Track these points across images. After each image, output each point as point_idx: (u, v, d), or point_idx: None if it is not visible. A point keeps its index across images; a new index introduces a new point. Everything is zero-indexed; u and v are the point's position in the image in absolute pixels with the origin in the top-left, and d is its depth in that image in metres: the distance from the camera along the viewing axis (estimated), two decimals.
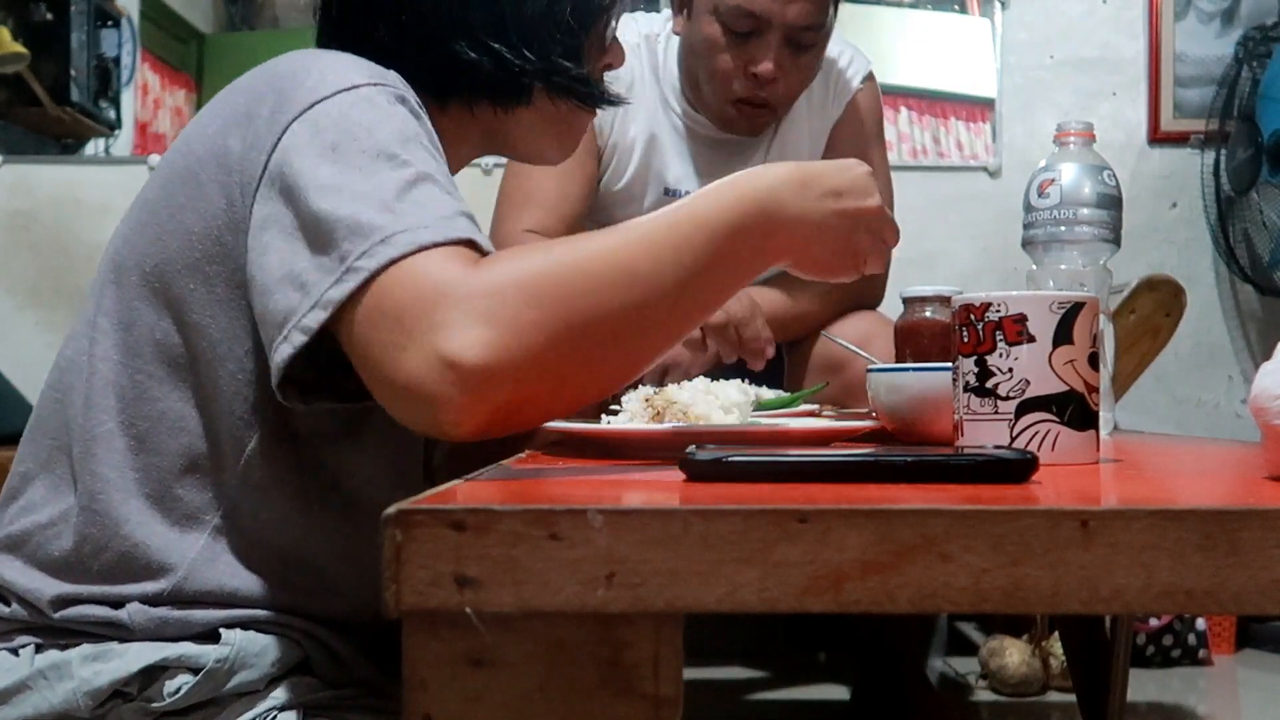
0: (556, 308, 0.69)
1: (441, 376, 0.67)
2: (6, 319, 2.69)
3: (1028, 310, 0.74)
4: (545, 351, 0.69)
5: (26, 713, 0.82)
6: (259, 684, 0.85)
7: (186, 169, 0.85)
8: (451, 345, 0.67)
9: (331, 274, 0.72)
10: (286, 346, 0.73)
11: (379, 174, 0.76)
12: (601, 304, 0.70)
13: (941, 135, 2.77)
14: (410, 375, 0.68)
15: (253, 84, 0.86)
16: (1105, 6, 2.79)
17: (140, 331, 0.85)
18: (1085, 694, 1.69)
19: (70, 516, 0.85)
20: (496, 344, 0.67)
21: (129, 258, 0.87)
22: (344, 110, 0.79)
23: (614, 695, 0.50)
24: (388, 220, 0.72)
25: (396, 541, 0.48)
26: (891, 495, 0.53)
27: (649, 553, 0.48)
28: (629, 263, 0.72)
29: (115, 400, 0.85)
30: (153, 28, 2.75)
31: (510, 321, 0.68)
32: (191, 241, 0.83)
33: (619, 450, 0.90)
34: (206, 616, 0.85)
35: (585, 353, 0.71)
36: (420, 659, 0.49)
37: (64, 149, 2.77)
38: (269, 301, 0.76)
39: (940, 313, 1.30)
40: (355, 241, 0.72)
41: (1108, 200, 1.16)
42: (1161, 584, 0.48)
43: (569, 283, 0.70)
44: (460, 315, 0.68)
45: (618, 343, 0.72)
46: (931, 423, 0.92)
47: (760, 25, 1.59)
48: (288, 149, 0.79)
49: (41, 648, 0.84)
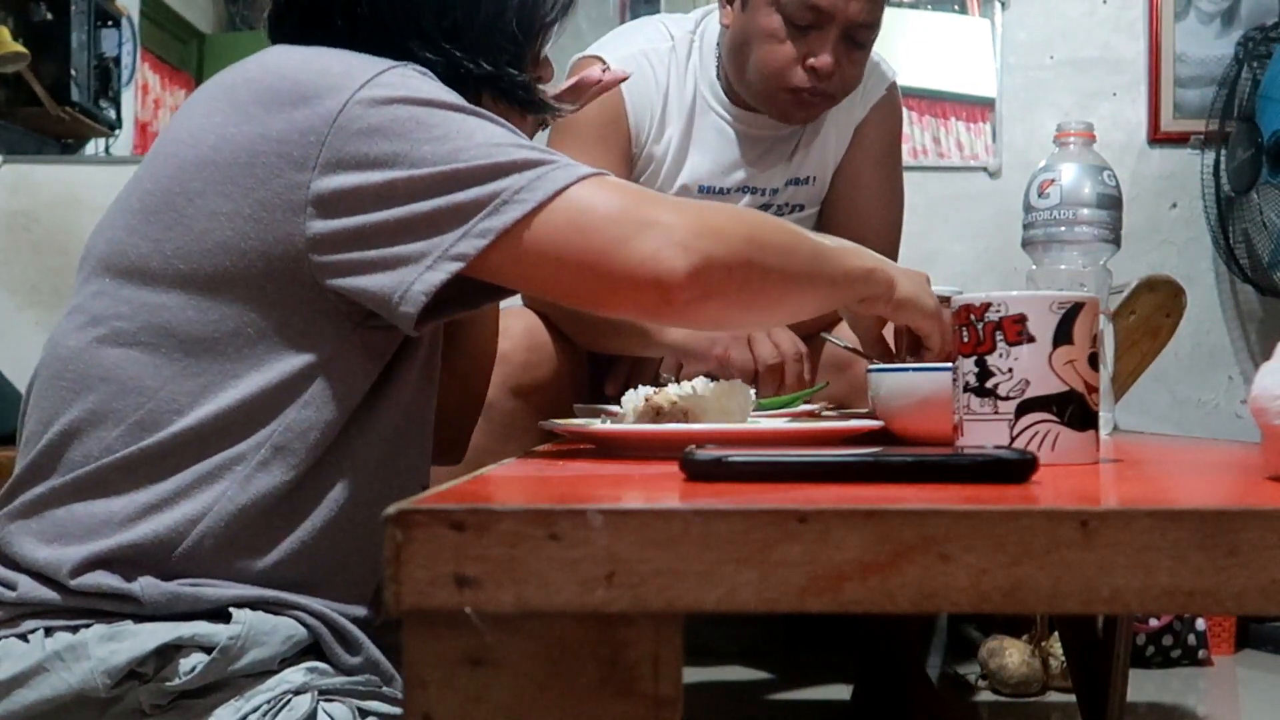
0: (744, 225, 0.87)
1: (674, 252, 0.81)
2: (6, 319, 2.69)
3: (1028, 310, 0.74)
4: (742, 251, 0.85)
5: (45, 694, 0.83)
6: (271, 663, 0.86)
7: (198, 158, 0.86)
8: (676, 232, 0.82)
9: (483, 207, 0.81)
10: (434, 274, 0.81)
11: (480, 131, 0.84)
12: (769, 256, 0.88)
13: (941, 135, 2.77)
14: (645, 255, 0.81)
15: (253, 78, 0.88)
16: (1105, 6, 2.79)
17: (167, 315, 0.86)
18: (1085, 694, 1.69)
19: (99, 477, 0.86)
20: (709, 233, 0.83)
21: (139, 247, 0.87)
22: (400, 84, 0.85)
23: (614, 695, 0.50)
24: (534, 159, 0.82)
25: (396, 541, 0.48)
26: (891, 495, 0.53)
27: (649, 553, 0.48)
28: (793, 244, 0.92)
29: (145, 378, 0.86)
30: (153, 27, 2.75)
31: (713, 223, 0.84)
32: (220, 220, 0.85)
33: (619, 450, 0.90)
34: (216, 594, 0.86)
35: (763, 267, 0.87)
36: (420, 659, 0.49)
37: (64, 149, 2.77)
38: (386, 249, 0.82)
39: None
40: (508, 180, 0.81)
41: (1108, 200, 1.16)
42: (1161, 584, 0.48)
43: (754, 225, 0.89)
44: (672, 214, 0.83)
45: (777, 291, 0.90)
46: (931, 423, 0.92)
47: (822, 19, 1.61)
48: (346, 134, 0.82)
49: (51, 631, 0.85)
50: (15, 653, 0.84)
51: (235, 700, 0.84)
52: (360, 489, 0.92)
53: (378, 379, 0.92)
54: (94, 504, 0.86)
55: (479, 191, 0.81)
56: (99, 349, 0.87)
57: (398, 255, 0.82)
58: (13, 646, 0.85)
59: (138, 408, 0.86)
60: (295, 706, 0.84)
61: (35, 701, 0.83)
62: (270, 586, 0.88)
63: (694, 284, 0.82)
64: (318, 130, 0.83)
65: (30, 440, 0.90)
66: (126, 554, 0.85)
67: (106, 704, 0.83)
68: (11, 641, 0.85)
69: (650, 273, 0.81)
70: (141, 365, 0.86)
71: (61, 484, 0.87)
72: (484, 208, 0.81)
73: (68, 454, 0.87)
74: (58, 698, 0.83)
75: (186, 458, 0.86)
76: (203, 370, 0.86)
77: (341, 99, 0.83)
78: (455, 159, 0.82)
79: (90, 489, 0.86)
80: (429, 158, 0.82)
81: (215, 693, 0.85)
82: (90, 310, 0.89)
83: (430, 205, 0.81)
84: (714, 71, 1.77)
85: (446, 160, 0.82)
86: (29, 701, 0.83)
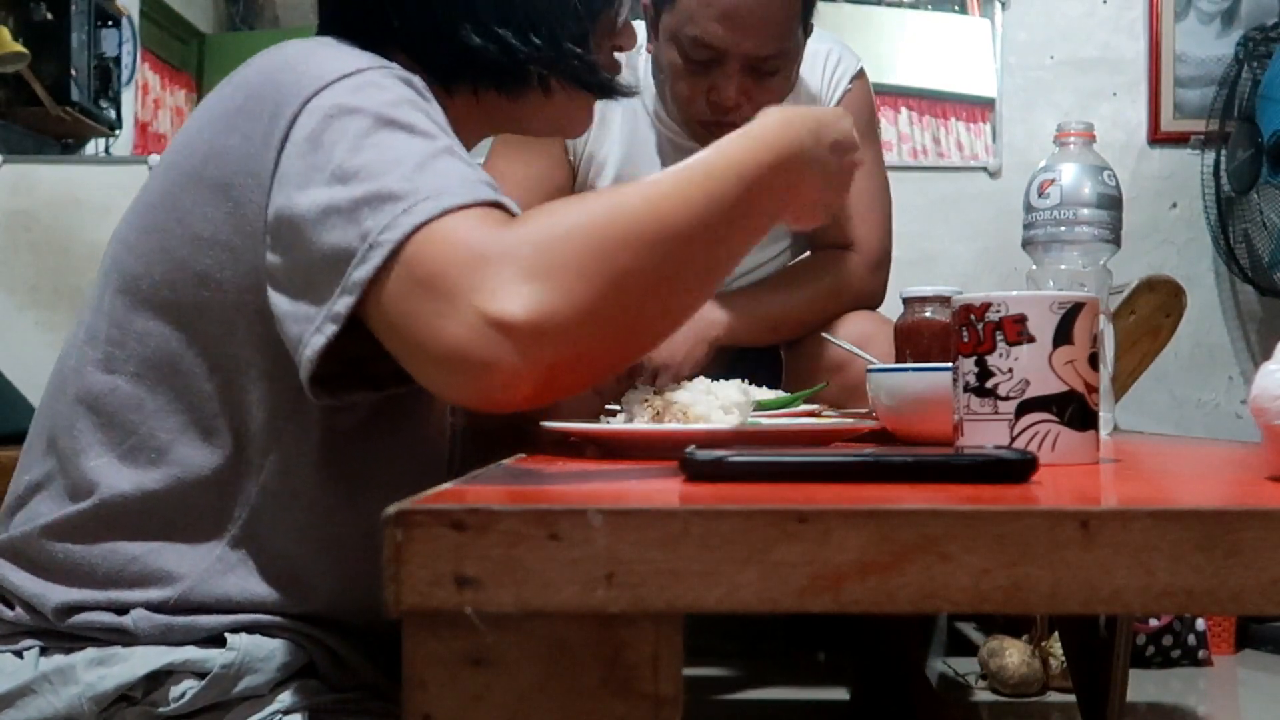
0: (599, 260, 0.67)
1: (489, 339, 0.65)
2: (6, 319, 2.69)
3: (1028, 310, 0.74)
4: (592, 304, 0.66)
5: (31, 716, 0.82)
6: (264, 688, 0.85)
7: (190, 171, 0.84)
8: (496, 305, 0.65)
9: (354, 256, 0.70)
10: (318, 338, 0.72)
11: (394, 149, 0.75)
12: (641, 254, 0.69)
13: (941, 135, 2.77)
14: (455, 342, 0.65)
15: (248, 79, 0.85)
16: (1105, 6, 2.79)
17: (153, 344, 0.84)
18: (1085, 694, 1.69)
19: (76, 523, 0.85)
20: (543, 299, 0.65)
21: (132, 268, 0.86)
22: (350, 93, 0.78)
23: (614, 695, 0.50)
24: (407, 188, 0.71)
25: (396, 541, 0.48)
26: (891, 495, 0.53)
27: (649, 553, 0.48)
28: (665, 213, 0.71)
29: (129, 414, 0.84)
30: (153, 27, 2.75)
31: (553, 275, 0.66)
32: (200, 248, 0.82)
33: (619, 450, 0.90)
34: (212, 622, 0.84)
35: (629, 304, 0.69)
36: (420, 659, 0.49)
37: (64, 149, 2.77)
38: (292, 299, 0.75)
39: (940, 313, 1.30)
40: (377, 217, 0.70)
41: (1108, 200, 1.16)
42: (1161, 584, 0.48)
43: (608, 235, 0.68)
44: (501, 273, 0.66)
45: (658, 293, 0.71)
46: (931, 423, 0.92)
47: (718, 55, 1.57)
48: (296, 140, 0.77)
49: (46, 650, 0.84)
50: (7, 670, 0.84)
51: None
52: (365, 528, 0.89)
53: (379, 414, 0.89)
54: (75, 551, 0.84)
55: (352, 234, 0.71)
56: (93, 374, 0.86)
57: (301, 311, 0.75)
58: (6, 663, 0.84)
59: (120, 441, 0.84)
60: None
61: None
62: (266, 612, 0.86)
63: (521, 375, 0.66)
64: (275, 145, 0.78)
65: (30, 451, 0.90)
66: (112, 604, 0.84)
67: None
68: (7, 658, 0.84)
69: (463, 364, 0.66)
70: (126, 397, 0.84)
71: (49, 523, 0.85)
72: (354, 255, 0.71)
73: (61, 481, 0.86)
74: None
75: (171, 511, 0.84)
76: (184, 408, 0.84)
77: (296, 108, 0.78)
78: (356, 179, 0.73)
79: (74, 534, 0.85)
80: (340, 175, 0.74)
81: (205, 715, 0.84)
82: (92, 327, 0.87)
83: (322, 250, 0.73)
84: (654, 88, 1.76)
85: (349, 180, 0.73)
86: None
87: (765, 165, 0.77)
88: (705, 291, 0.77)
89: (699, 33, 1.55)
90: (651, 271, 0.69)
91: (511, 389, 0.66)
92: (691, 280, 0.74)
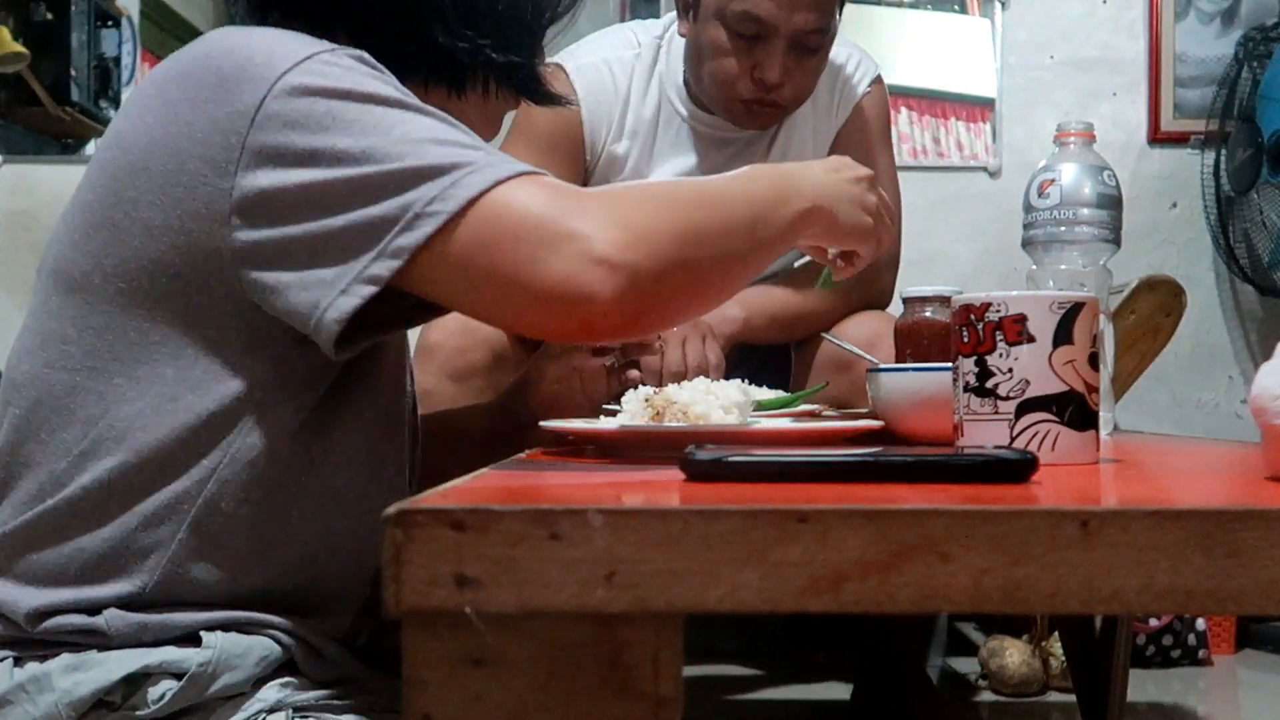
0: (675, 220, 0.79)
1: (593, 273, 0.74)
2: (6, 319, 2.69)
3: (1028, 310, 0.74)
4: (673, 253, 0.77)
5: None
6: (244, 685, 0.84)
7: (131, 164, 0.83)
8: (596, 245, 0.74)
9: (394, 224, 0.75)
10: (347, 299, 0.76)
11: (400, 125, 0.79)
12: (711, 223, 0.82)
13: (941, 135, 2.77)
14: (560, 277, 0.74)
15: (180, 71, 0.85)
16: (1105, 6, 2.79)
17: (110, 336, 0.84)
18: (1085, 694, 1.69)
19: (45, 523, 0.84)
20: (635, 242, 0.75)
21: (80, 265, 0.85)
22: (319, 75, 0.80)
23: (614, 695, 0.50)
24: (447, 162, 0.76)
25: (396, 541, 0.48)
26: (891, 495, 0.53)
27: (649, 553, 0.48)
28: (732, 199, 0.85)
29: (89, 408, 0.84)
30: (153, 27, 2.75)
31: (640, 225, 0.77)
32: (153, 235, 0.82)
33: (619, 450, 0.90)
34: (186, 619, 0.84)
35: (697, 264, 0.80)
36: (420, 659, 0.49)
37: (64, 149, 2.77)
38: (302, 269, 0.78)
39: (940, 313, 1.30)
40: (420, 190, 0.76)
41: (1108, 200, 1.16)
42: (1161, 584, 0.48)
43: (682, 204, 0.81)
44: (594, 221, 0.75)
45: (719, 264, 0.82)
46: (931, 423, 0.92)
47: (765, 30, 1.60)
48: (272, 124, 0.78)
49: (20, 660, 0.83)
50: None
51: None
52: (331, 509, 0.89)
53: (341, 394, 0.89)
54: (45, 554, 0.84)
55: (390, 205, 0.76)
56: (49, 374, 0.85)
57: (314, 277, 0.78)
58: None
59: (82, 437, 0.84)
60: None
61: None
62: (239, 607, 0.86)
63: (620, 307, 0.75)
64: (237, 130, 0.79)
65: None
66: (84, 604, 0.83)
67: None
68: None
69: (568, 296, 0.74)
70: (86, 393, 0.84)
71: (14, 528, 0.85)
72: (396, 223, 0.75)
73: (18, 490, 0.86)
74: None
75: (132, 496, 0.83)
76: (142, 394, 0.83)
77: (260, 93, 0.79)
78: (369, 159, 0.77)
79: (41, 536, 0.84)
80: (344, 156, 0.77)
81: (187, 717, 0.83)
82: (41, 329, 0.87)
83: (343, 221, 0.77)
84: (680, 76, 1.77)
85: (361, 160, 0.77)
86: None
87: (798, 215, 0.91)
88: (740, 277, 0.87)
89: (748, 6, 1.58)
90: (711, 262, 0.81)
91: (607, 318, 0.75)
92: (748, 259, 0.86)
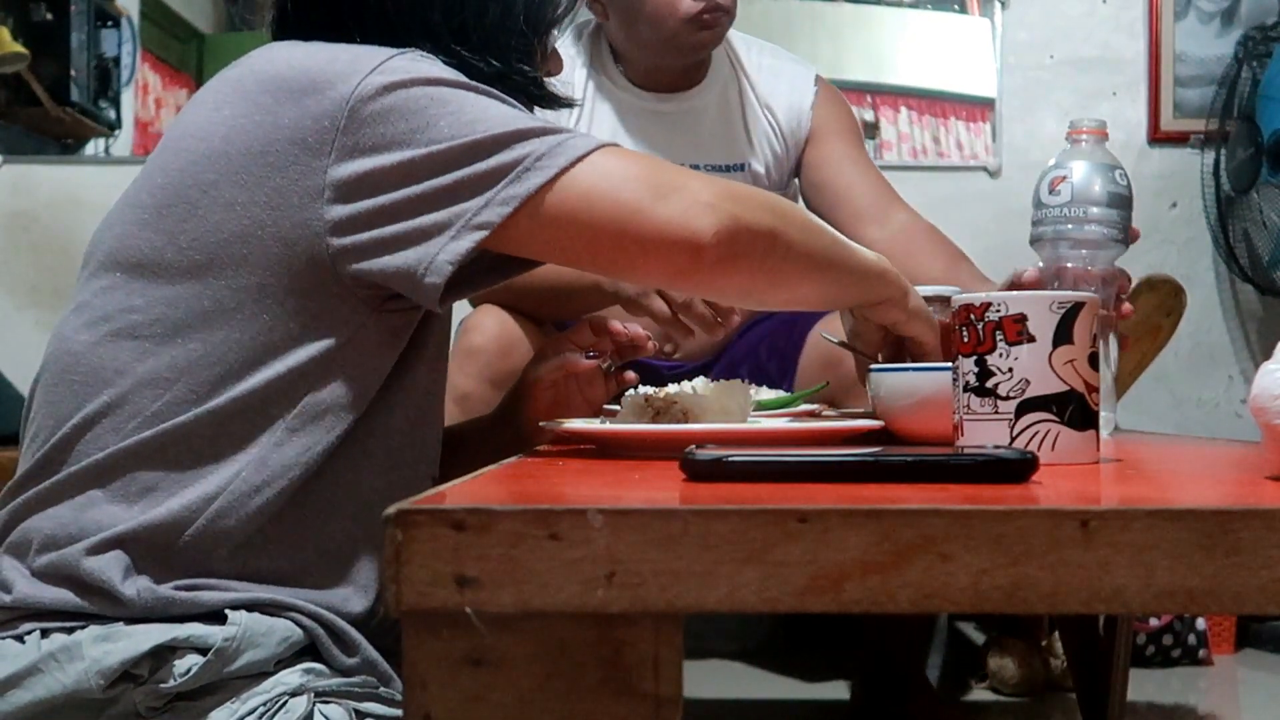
0: (767, 204, 0.88)
1: (702, 212, 0.82)
2: (6, 319, 2.69)
3: (1028, 310, 0.74)
4: (766, 221, 0.86)
5: (39, 694, 0.83)
6: (268, 664, 0.86)
7: (210, 151, 0.87)
8: (702, 194, 0.83)
9: (505, 174, 0.81)
10: (458, 244, 0.81)
11: (493, 106, 0.85)
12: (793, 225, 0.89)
13: (941, 135, 2.77)
14: (672, 215, 0.82)
15: (256, 69, 0.88)
16: (1105, 6, 2.79)
17: (183, 305, 0.86)
18: (1085, 694, 1.69)
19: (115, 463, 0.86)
20: (735, 198, 0.85)
21: (150, 242, 0.87)
22: (411, 68, 0.85)
23: (614, 695, 0.50)
24: (550, 129, 0.83)
25: (396, 541, 0.48)
26: (891, 495, 0.53)
27: (649, 553, 0.48)
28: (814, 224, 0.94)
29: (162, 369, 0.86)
30: (153, 27, 2.75)
31: (738, 191, 0.87)
32: (235, 211, 0.85)
33: (619, 450, 0.90)
34: (212, 598, 0.85)
35: (783, 251, 0.88)
36: (420, 659, 0.49)
37: (64, 149, 2.77)
38: (402, 224, 0.82)
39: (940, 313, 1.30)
40: (528, 146, 0.82)
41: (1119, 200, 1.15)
42: (1161, 584, 0.48)
43: (770, 197, 0.91)
44: (696, 180, 0.85)
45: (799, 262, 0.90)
46: (931, 423, 0.92)
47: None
48: (362, 123, 0.83)
49: (47, 633, 0.84)
50: (10, 654, 0.84)
51: (231, 703, 0.84)
52: (371, 481, 0.92)
53: (390, 372, 0.92)
54: (104, 489, 0.86)
55: (500, 159, 0.81)
56: (112, 344, 0.87)
57: (420, 228, 0.82)
58: (8, 648, 0.84)
59: (155, 399, 0.86)
60: (291, 709, 0.84)
61: (29, 703, 0.83)
62: (271, 583, 0.88)
63: (723, 245, 0.82)
64: (332, 116, 0.83)
65: (38, 437, 0.90)
66: (137, 536, 0.84)
67: (101, 705, 0.83)
68: (8, 643, 0.85)
69: (679, 231, 0.82)
70: (158, 358, 0.86)
71: (71, 474, 0.86)
72: (506, 174, 0.81)
73: (80, 446, 0.87)
74: (52, 699, 0.82)
75: (199, 443, 0.86)
76: (219, 359, 0.86)
77: (353, 84, 0.83)
78: (473, 131, 0.82)
79: (101, 475, 0.86)
80: (445, 133, 0.82)
81: (211, 695, 0.84)
82: (98, 307, 0.88)
83: (450, 178, 0.82)
84: (612, 61, 1.83)
85: (464, 133, 0.82)
86: (23, 703, 0.83)
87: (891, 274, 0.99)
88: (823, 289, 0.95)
89: None
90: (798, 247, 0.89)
91: (711, 258, 0.83)
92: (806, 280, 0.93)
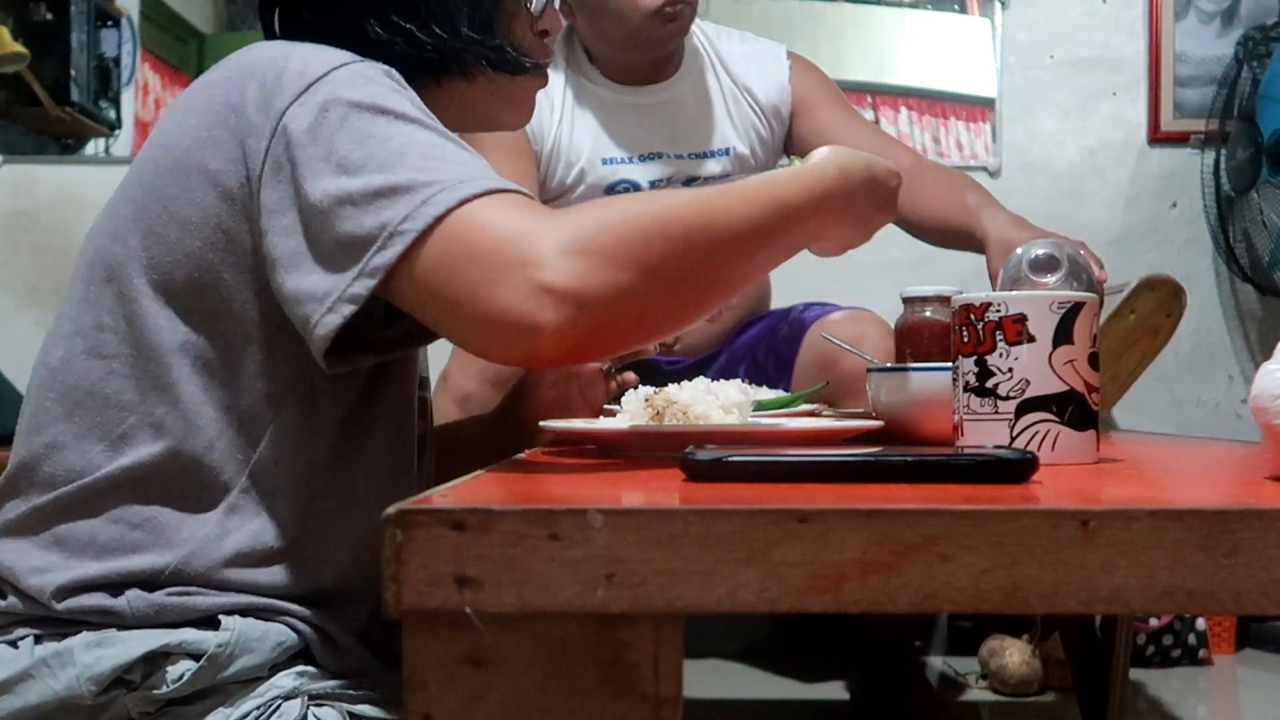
0: (637, 247, 0.75)
1: (538, 303, 0.73)
2: (6, 319, 2.69)
3: (1028, 310, 0.74)
4: (627, 284, 0.75)
5: (30, 700, 0.83)
6: (261, 669, 0.85)
7: (173, 162, 0.86)
8: (545, 275, 0.73)
9: (373, 243, 0.76)
10: (333, 317, 0.77)
11: (398, 138, 0.80)
12: (674, 249, 0.77)
13: (941, 135, 2.77)
14: (506, 305, 0.73)
15: (226, 76, 0.87)
16: (1105, 6, 2.79)
17: (149, 325, 0.85)
18: (1085, 694, 1.69)
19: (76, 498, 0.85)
20: (586, 274, 0.73)
21: (119, 255, 0.87)
22: (343, 86, 0.82)
23: (614, 695, 0.50)
24: (424, 179, 0.77)
25: (396, 541, 0.48)
26: (891, 495, 0.53)
27: (649, 553, 0.48)
28: (702, 221, 0.78)
29: (126, 395, 0.86)
30: (153, 28, 2.75)
31: (595, 255, 0.74)
32: (190, 231, 0.84)
33: (619, 450, 0.90)
34: (205, 603, 0.85)
35: (657, 291, 0.77)
36: (420, 659, 0.49)
37: (64, 149, 2.77)
38: (301, 279, 0.79)
39: (940, 313, 1.30)
40: (396, 207, 0.76)
41: None
42: (1161, 584, 0.48)
43: (646, 227, 0.76)
44: (548, 248, 0.74)
45: (684, 287, 0.79)
46: (931, 423, 0.92)
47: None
48: (291, 131, 0.80)
49: (41, 638, 0.84)
50: (3, 659, 0.84)
51: (224, 707, 0.84)
52: (352, 509, 0.91)
53: (372, 393, 0.92)
54: (76, 526, 0.85)
55: (371, 223, 0.76)
56: (84, 362, 0.87)
57: (308, 291, 0.79)
58: (1, 653, 0.84)
59: (119, 423, 0.86)
60: (285, 712, 0.84)
61: (21, 708, 0.83)
62: (259, 594, 0.87)
63: (561, 339, 0.74)
64: (266, 137, 0.81)
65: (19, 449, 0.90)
66: (111, 580, 0.84)
67: (94, 711, 0.83)
68: (1, 648, 0.85)
69: (512, 325, 0.73)
70: (123, 380, 0.86)
71: (44, 503, 0.86)
72: (374, 242, 0.76)
73: (50, 469, 0.87)
74: (44, 705, 0.82)
75: (166, 483, 0.85)
76: (175, 382, 0.85)
77: (286, 102, 0.81)
78: (362, 169, 0.78)
79: (73, 510, 0.86)
80: (344, 164, 0.78)
81: (204, 700, 0.84)
82: (77, 319, 0.88)
83: (333, 239, 0.78)
84: (587, 60, 1.87)
85: (355, 170, 0.78)
86: (15, 708, 0.83)
87: (807, 205, 0.84)
88: (727, 295, 0.84)
89: None
90: (681, 267, 0.77)
91: (551, 348, 0.74)
92: (717, 284, 0.81)
